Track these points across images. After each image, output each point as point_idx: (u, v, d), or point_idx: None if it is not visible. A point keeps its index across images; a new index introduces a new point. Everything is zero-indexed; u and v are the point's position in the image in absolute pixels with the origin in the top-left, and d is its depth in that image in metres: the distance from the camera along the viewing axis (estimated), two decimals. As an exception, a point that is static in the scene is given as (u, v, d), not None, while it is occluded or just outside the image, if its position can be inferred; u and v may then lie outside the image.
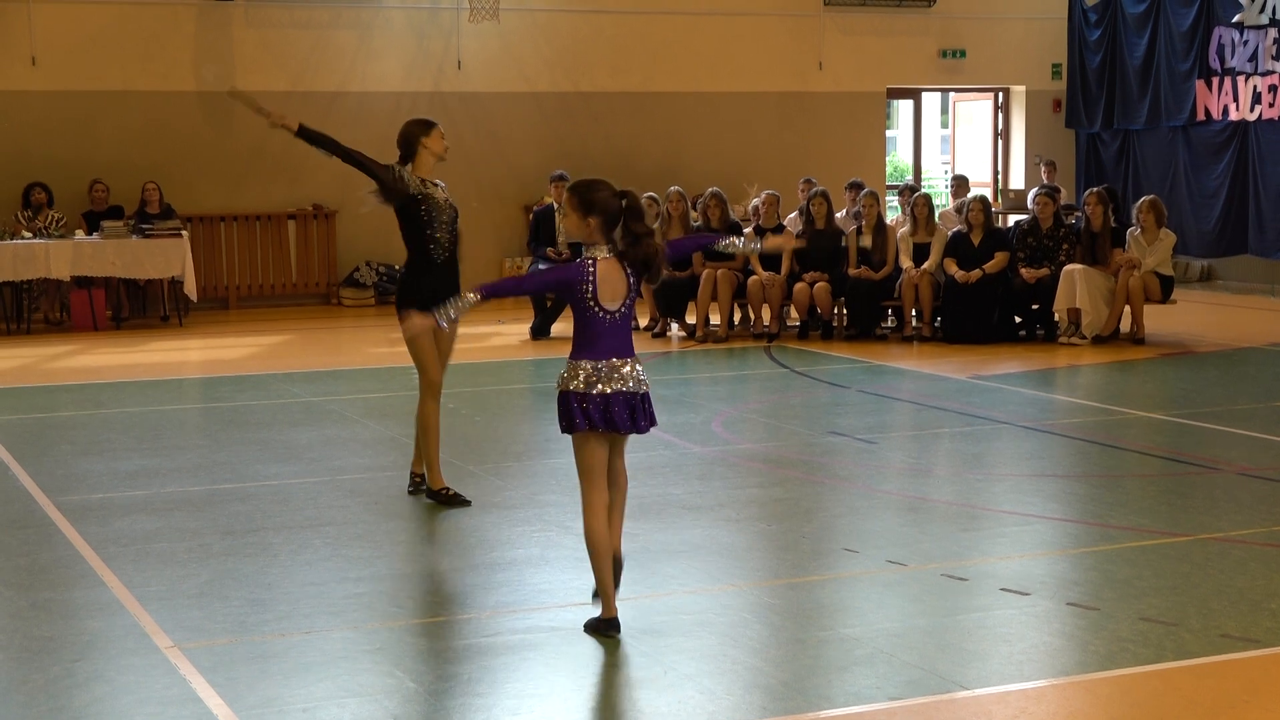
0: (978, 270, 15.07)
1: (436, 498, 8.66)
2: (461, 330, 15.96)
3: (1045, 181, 18.73)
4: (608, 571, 6.19)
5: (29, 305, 17.05)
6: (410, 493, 8.81)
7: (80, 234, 16.94)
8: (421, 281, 8.51)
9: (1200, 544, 7.62)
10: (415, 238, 8.52)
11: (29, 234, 16.77)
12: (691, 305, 15.77)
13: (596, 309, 6.11)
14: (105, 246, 16.64)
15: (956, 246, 15.33)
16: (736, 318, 16.18)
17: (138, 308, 17.64)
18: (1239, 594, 6.76)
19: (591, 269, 6.11)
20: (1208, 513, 8.36)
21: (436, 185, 8.56)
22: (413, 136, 8.51)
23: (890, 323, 16.01)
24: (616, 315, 6.15)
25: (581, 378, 6.09)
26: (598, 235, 6.15)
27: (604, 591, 6.21)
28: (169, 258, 16.89)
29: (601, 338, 6.14)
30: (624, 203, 6.15)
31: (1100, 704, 5.55)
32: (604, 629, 6.17)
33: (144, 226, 17.08)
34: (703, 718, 5.41)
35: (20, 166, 17.62)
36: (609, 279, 6.13)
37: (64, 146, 17.90)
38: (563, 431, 6.19)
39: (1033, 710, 5.47)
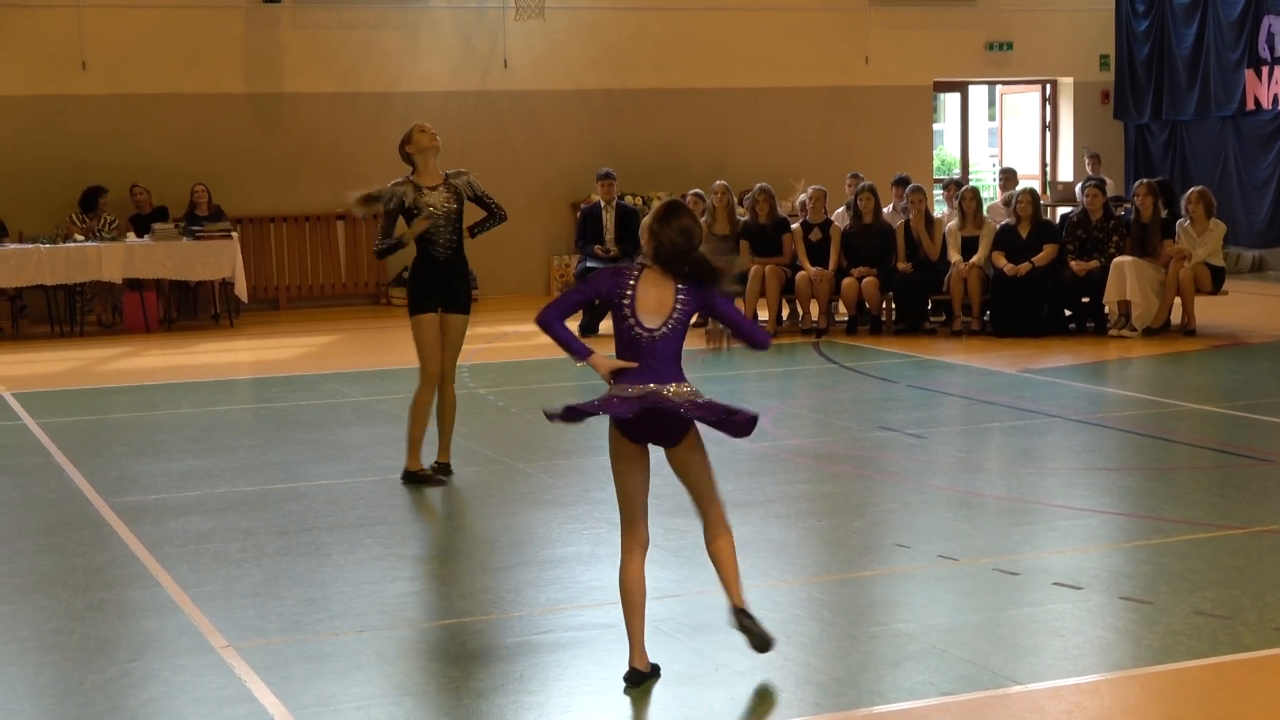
0: (1027, 263, 15.03)
1: (411, 479, 9.07)
2: (508, 328, 16.09)
3: (1090, 173, 18.65)
4: (634, 621, 5.65)
5: (82, 308, 17.19)
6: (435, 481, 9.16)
7: (131, 236, 17.05)
8: (423, 282, 9.01)
9: (1254, 537, 7.58)
10: (418, 241, 8.96)
11: (81, 237, 16.90)
12: (739, 301, 15.73)
13: (634, 324, 5.54)
14: (156, 249, 16.76)
15: (1005, 239, 15.28)
16: (785, 313, 16.16)
17: (189, 309, 17.74)
18: (1294, 587, 6.73)
19: (634, 277, 5.59)
20: (1262, 505, 8.31)
21: (438, 188, 8.93)
22: (402, 152, 9.00)
23: (939, 317, 15.94)
24: (656, 336, 5.53)
25: (618, 388, 5.57)
26: (645, 253, 5.63)
27: (630, 640, 5.67)
28: (219, 259, 16.99)
29: (641, 360, 5.56)
30: (693, 261, 5.56)
31: (1154, 698, 5.52)
32: (631, 679, 5.64)
33: (194, 228, 17.18)
34: (755, 713, 5.41)
35: (72, 170, 17.75)
36: (650, 292, 5.56)
37: (114, 150, 18.02)
38: (566, 419, 5.72)
39: (1086, 705, 5.45)
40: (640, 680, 5.61)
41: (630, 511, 5.67)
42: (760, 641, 5.73)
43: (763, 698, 5.57)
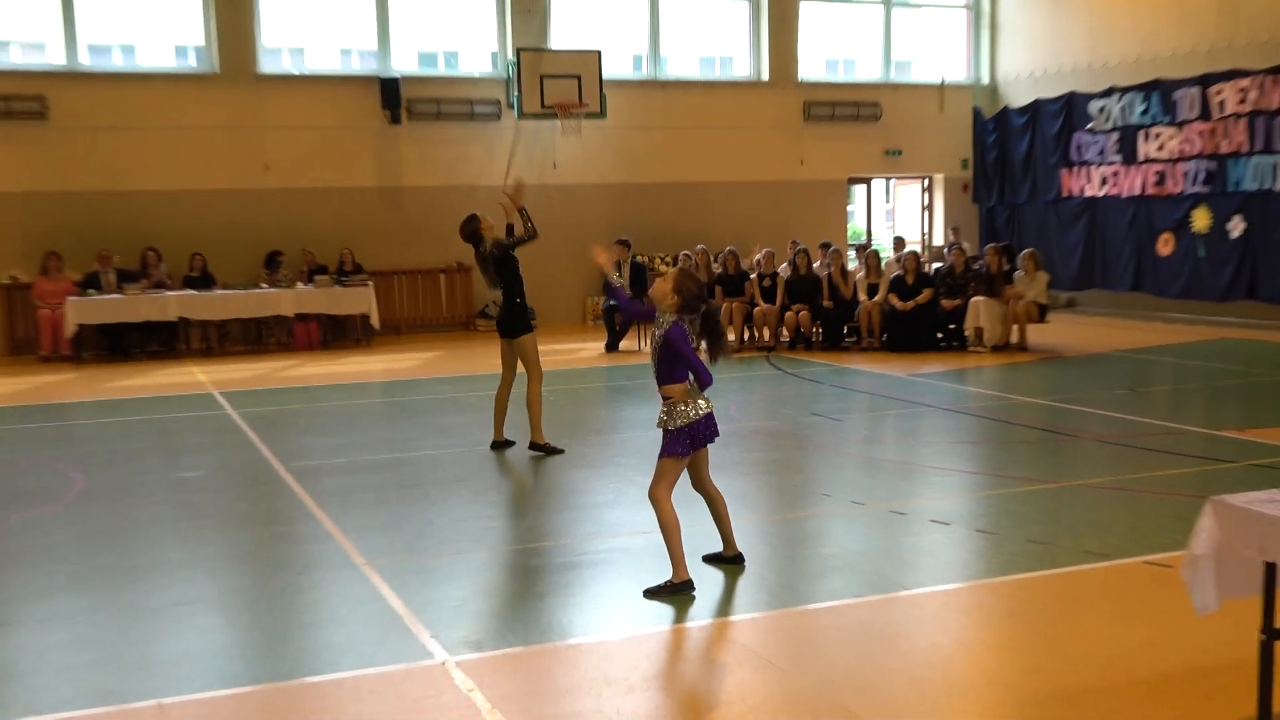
0: (912, 302, 15.05)
1: (541, 449, 9.01)
2: (556, 346, 16.09)
3: (953, 240, 18.65)
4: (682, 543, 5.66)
5: (265, 333, 17.23)
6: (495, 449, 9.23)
7: (300, 284, 17.11)
8: (527, 309, 9.13)
9: (1068, 489, 7.59)
10: (518, 282, 9.01)
11: (265, 285, 16.96)
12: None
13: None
14: (317, 293, 16.81)
15: (897, 285, 15.30)
16: (745, 336, 16.18)
17: (339, 334, 17.78)
18: (1094, 523, 6.73)
19: (686, 327, 5.58)
20: (1073, 467, 8.32)
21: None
22: (474, 231, 9.06)
23: (852, 338, 15.95)
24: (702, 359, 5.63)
25: (693, 410, 5.57)
26: (672, 308, 5.53)
27: (682, 559, 5.64)
28: (359, 300, 17.04)
29: (705, 378, 5.58)
30: (705, 308, 5.57)
31: (999, 599, 5.53)
32: (690, 586, 5.60)
33: (342, 279, 17.24)
34: (726, 610, 5.42)
35: (259, 240, 17.80)
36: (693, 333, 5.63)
37: (288, 226, 18.05)
38: (679, 454, 5.57)
39: (952, 603, 5.46)
40: (692, 586, 5.63)
41: (676, 480, 5.69)
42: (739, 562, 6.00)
43: (732, 598, 5.58)
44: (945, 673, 4.65)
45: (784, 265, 16.58)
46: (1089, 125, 19.55)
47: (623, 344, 16.05)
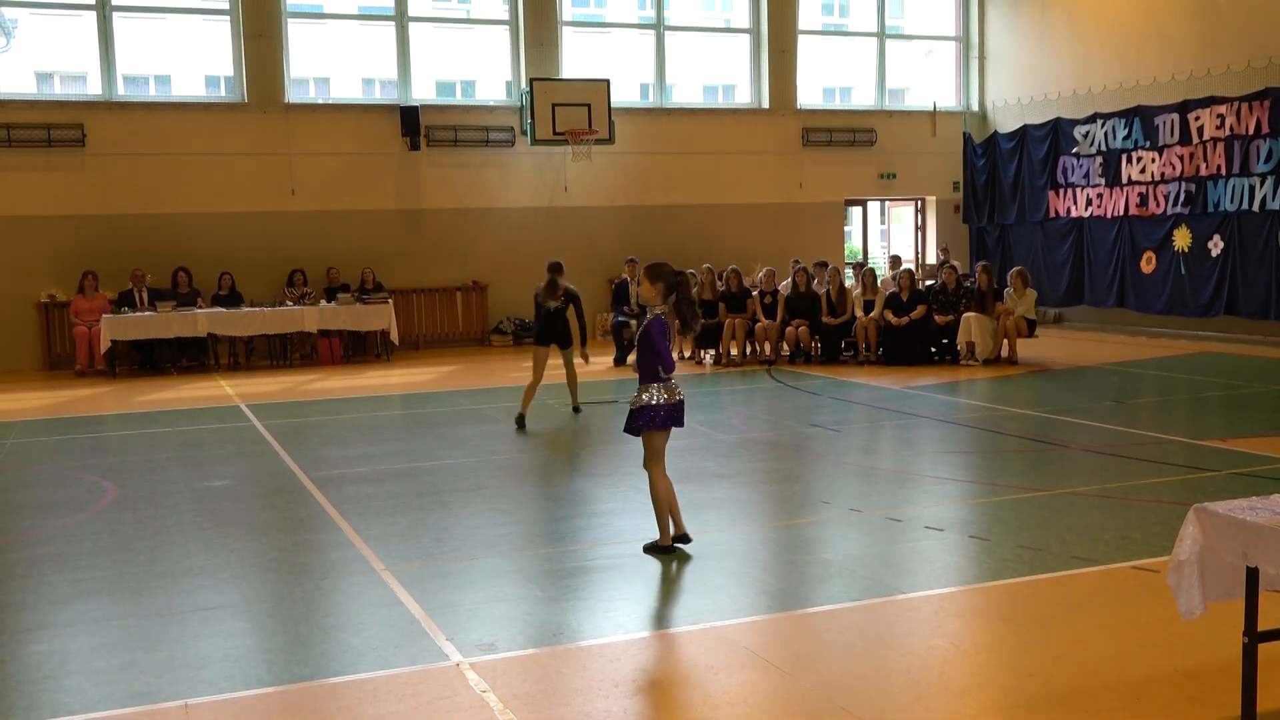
0: (906, 317, 14.99)
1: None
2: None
3: (943, 259, 18.62)
4: (677, 507, 6.35)
5: (290, 349, 17.23)
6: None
7: (323, 302, 17.11)
8: None
9: (1057, 496, 7.53)
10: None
11: (290, 302, 16.95)
12: (719, 341, 15.73)
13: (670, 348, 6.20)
14: (339, 310, 16.79)
15: (892, 301, 15.26)
16: (748, 350, 16.12)
17: (360, 349, 17.78)
18: (1083, 529, 6.67)
19: (665, 321, 6.17)
20: (1061, 475, 8.26)
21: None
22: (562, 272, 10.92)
23: (849, 352, 15.90)
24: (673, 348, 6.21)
25: (660, 394, 6.16)
26: (660, 295, 6.15)
27: (679, 519, 6.36)
28: (380, 316, 17.01)
29: (669, 366, 6.17)
30: (678, 278, 6.20)
31: (991, 603, 5.48)
32: (685, 539, 6.32)
33: (364, 297, 17.23)
34: (729, 613, 5.37)
35: (284, 259, 17.82)
36: (671, 326, 6.23)
37: (313, 246, 18.07)
38: (641, 429, 6.20)
39: (946, 607, 5.41)
40: (688, 539, 6.29)
41: (664, 454, 6.29)
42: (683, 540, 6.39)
43: (735, 603, 5.53)
44: (941, 675, 4.60)
45: (784, 283, 16.54)
46: (1075, 149, 19.50)
47: (631, 358, 16.02)
